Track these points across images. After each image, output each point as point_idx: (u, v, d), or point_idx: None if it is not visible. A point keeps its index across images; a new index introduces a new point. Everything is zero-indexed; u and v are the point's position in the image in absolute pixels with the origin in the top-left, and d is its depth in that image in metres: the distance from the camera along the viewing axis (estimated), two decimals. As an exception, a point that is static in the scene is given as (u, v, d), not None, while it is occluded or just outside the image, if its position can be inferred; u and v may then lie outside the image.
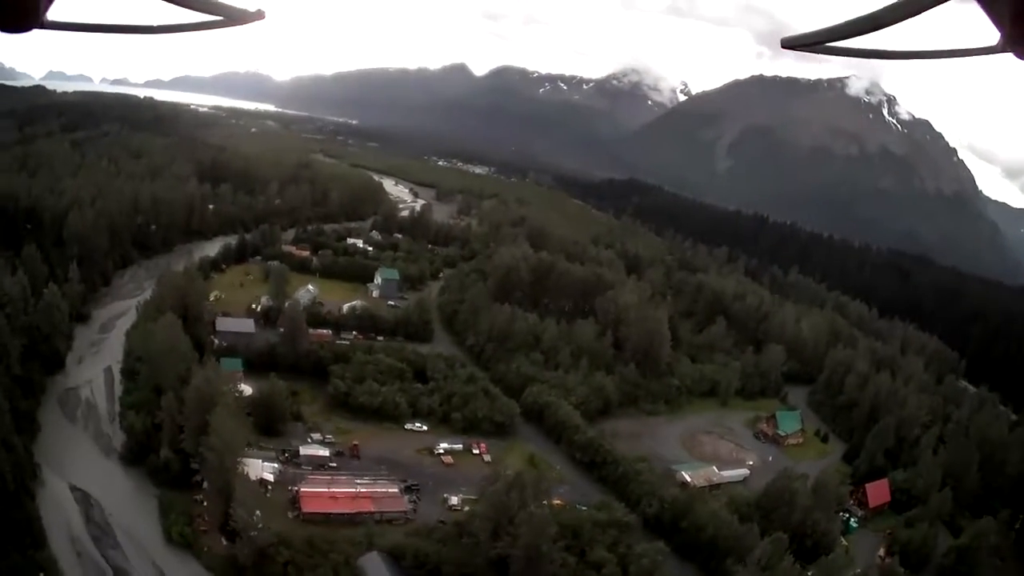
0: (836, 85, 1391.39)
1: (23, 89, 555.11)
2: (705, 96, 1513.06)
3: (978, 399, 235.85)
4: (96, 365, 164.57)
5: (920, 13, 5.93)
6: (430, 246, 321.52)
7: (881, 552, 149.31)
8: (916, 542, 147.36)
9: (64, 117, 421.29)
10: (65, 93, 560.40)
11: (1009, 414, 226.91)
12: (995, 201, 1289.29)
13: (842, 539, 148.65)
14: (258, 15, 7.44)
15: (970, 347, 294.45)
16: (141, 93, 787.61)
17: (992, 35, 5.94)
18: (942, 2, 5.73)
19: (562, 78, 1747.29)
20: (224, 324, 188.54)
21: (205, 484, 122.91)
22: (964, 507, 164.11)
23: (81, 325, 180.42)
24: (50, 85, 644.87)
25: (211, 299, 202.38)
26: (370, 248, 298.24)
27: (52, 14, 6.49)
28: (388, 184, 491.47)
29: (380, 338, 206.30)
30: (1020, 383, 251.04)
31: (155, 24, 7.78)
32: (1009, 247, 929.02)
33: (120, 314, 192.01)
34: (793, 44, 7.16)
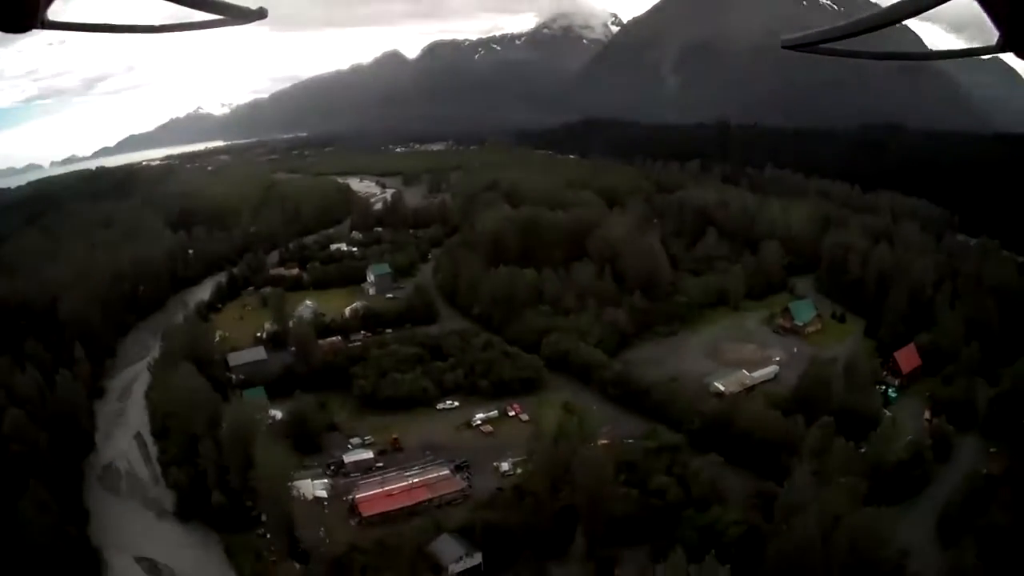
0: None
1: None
2: (638, 22, 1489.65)
3: (981, 249, 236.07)
4: (125, 434, 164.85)
5: (920, 12, 6.13)
6: (411, 231, 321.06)
7: (927, 415, 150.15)
8: (958, 398, 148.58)
9: (26, 209, 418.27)
10: (20, 187, 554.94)
11: (1014, 258, 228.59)
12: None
13: (885, 411, 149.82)
14: (260, 14, 7.65)
15: (960, 202, 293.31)
16: (92, 165, 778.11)
17: (992, 35, 6.06)
18: (942, 2, 5.90)
19: (493, 39, 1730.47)
20: (236, 358, 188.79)
21: (263, 517, 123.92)
22: (994, 356, 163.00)
23: (99, 401, 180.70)
24: (3, 183, 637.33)
25: (217, 339, 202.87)
26: (355, 249, 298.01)
27: (52, 14, 6.63)
28: (354, 183, 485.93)
29: (389, 331, 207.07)
30: (1016, 227, 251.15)
31: (157, 23, 7.97)
32: (972, 97, 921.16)
33: (134, 379, 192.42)
34: (793, 45, 7.48)
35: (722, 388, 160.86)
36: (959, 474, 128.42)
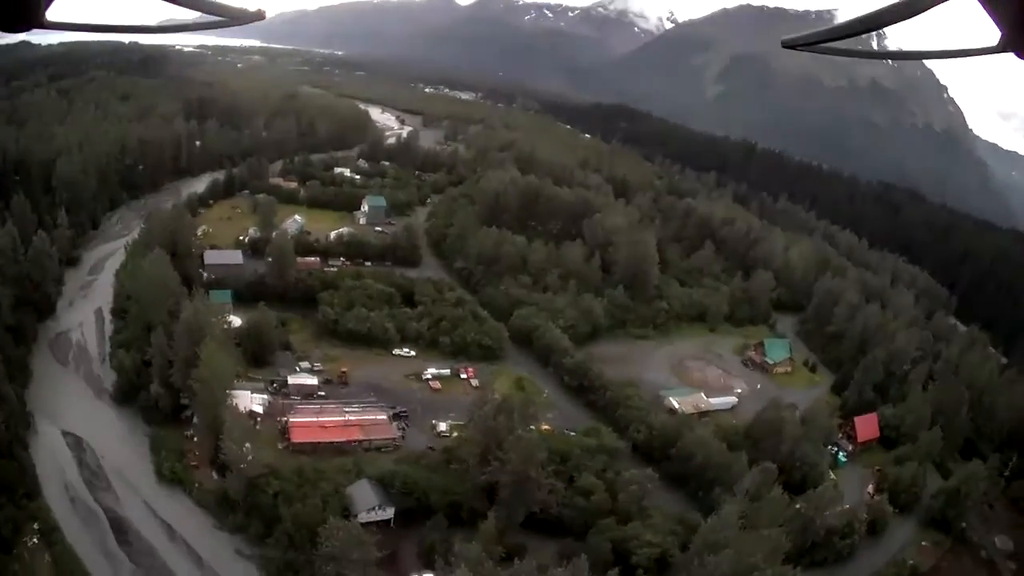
0: (824, 16, 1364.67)
1: (6, 46, 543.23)
2: (693, 24, 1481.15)
3: (968, 338, 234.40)
4: (87, 307, 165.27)
5: (920, 13, 6.12)
6: (417, 172, 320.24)
7: (870, 489, 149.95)
8: (905, 481, 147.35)
9: (50, 68, 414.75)
10: (50, 45, 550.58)
11: (999, 357, 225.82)
12: (985, 141, 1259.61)
13: (830, 473, 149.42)
14: (258, 15, 7.65)
15: (960, 285, 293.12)
16: (125, 38, 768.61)
17: (992, 35, 6.13)
18: (942, 2, 5.90)
19: (547, 6, 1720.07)
20: (212, 257, 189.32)
21: (195, 419, 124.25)
22: (953, 449, 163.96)
23: (71, 269, 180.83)
24: (35, 39, 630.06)
25: (199, 234, 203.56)
26: (357, 177, 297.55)
27: (52, 14, 6.71)
28: (374, 112, 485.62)
29: (368, 264, 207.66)
30: (1010, 325, 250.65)
31: (155, 24, 8.15)
32: (998, 188, 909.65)
33: (109, 255, 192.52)
34: (793, 44, 7.41)
35: (676, 405, 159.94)
36: (885, 558, 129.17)
